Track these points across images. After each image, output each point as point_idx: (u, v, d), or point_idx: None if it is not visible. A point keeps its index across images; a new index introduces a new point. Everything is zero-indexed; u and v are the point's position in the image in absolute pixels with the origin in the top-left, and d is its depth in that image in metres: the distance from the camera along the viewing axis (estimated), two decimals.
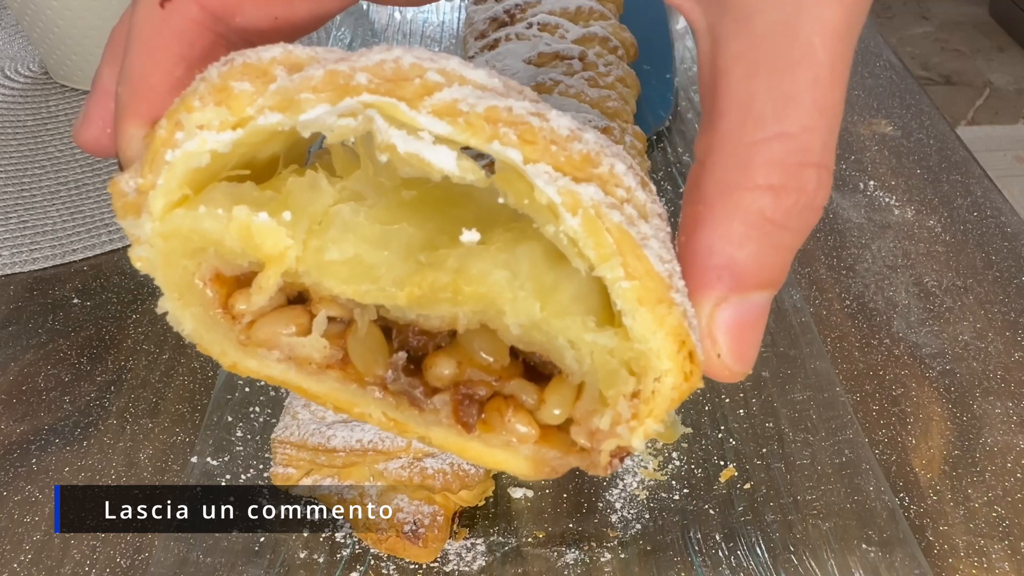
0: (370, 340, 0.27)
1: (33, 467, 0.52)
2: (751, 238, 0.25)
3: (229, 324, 0.28)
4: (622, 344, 0.24)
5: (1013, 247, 0.69)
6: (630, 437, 0.25)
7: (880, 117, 0.87)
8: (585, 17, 0.77)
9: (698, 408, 0.54)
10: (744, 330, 0.26)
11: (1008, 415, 0.55)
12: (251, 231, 0.25)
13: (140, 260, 0.26)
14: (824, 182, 0.25)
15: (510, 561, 0.46)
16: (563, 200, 0.23)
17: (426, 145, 0.23)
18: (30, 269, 0.67)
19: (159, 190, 0.25)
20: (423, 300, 0.25)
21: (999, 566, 0.47)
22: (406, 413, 0.28)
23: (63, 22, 0.83)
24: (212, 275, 0.27)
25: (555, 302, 0.25)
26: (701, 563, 0.45)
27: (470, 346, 0.27)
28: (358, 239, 0.26)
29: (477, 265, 0.25)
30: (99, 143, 0.30)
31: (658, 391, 0.25)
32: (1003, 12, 3.09)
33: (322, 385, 0.28)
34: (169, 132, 0.25)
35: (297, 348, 0.27)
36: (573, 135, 0.24)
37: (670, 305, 0.24)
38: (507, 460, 0.28)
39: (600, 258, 0.23)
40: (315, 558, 0.46)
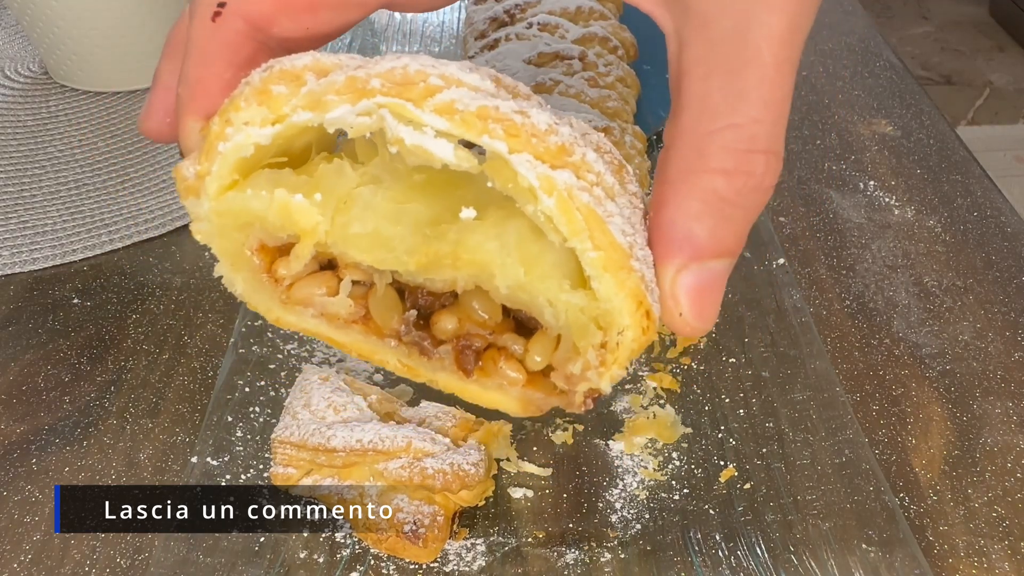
0: (387, 300, 0.33)
1: (33, 467, 0.52)
2: (707, 214, 0.29)
3: (272, 286, 0.33)
4: (591, 303, 0.29)
5: (1013, 247, 0.69)
6: (599, 381, 0.30)
7: (880, 117, 0.87)
8: (585, 17, 0.77)
9: (698, 408, 0.54)
10: (703, 292, 0.30)
11: (1008, 415, 0.55)
12: (289, 210, 0.30)
13: (200, 233, 0.32)
14: (771, 166, 0.29)
15: (510, 561, 0.46)
16: (540, 184, 0.28)
17: (428, 138, 0.28)
18: (30, 269, 0.67)
19: (214, 176, 0.30)
20: (429, 266, 0.30)
21: (999, 566, 0.47)
22: (416, 360, 0.33)
23: (63, 22, 0.83)
24: (258, 245, 0.33)
25: (537, 268, 0.29)
26: (701, 563, 0.45)
27: (469, 305, 0.32)
28: (376, 216, 0.31)
29: (473, 237, 0.30)
30: (160, 132, 0.35)
31: (621, 342, 0.30)
32: (1003, 12, 3.09)
33: (348, 336, 0.34)
34: (221, 128, 0.30)
35: (327, 306, 0.33)
36: (551, 129, 0.28)
37: (630, 271, 0.28)
38: (500, 400, 0.33)
39: (571, 232, 0.28)
40: (315, 558, 0.46)
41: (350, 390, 0.49)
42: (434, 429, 0.47)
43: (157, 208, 0.73)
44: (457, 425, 0.48)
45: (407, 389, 0.56)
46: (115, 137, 0.82)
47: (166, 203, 0.73)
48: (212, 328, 0.62)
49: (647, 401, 0.55)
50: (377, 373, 0.57)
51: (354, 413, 0.47)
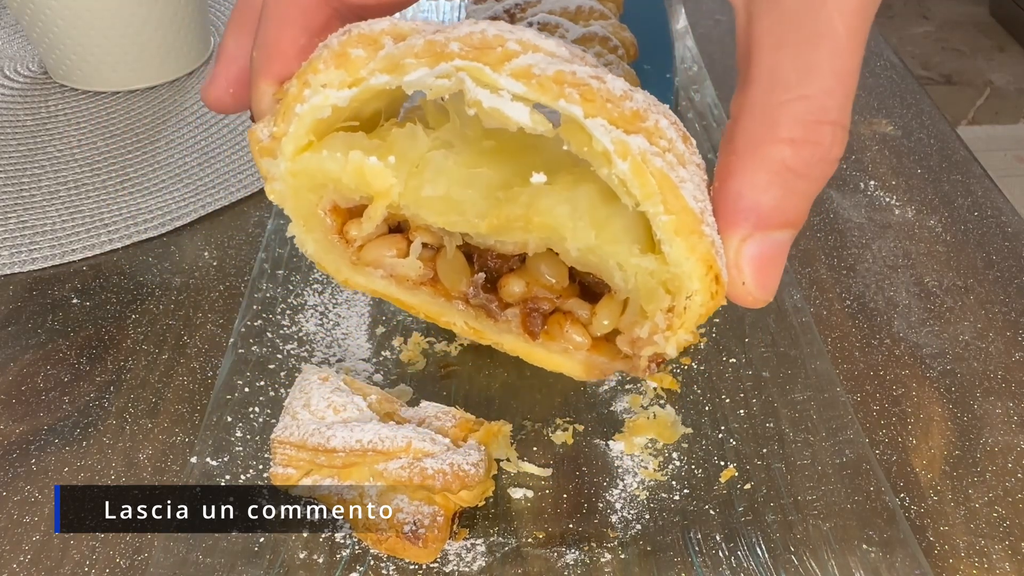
0: (456, 262, 0.34)
1: (32, 467, 0.52)
2: (774, 184, 0.29)
3: (343, 247, 0.34)
4: (661, 267, 0.30)
5: (1014, 247, 0.69)
6: (665, 344, 0.31)
7: (881, 117, 0.87)
8: (585, 17, 0.77)
9: (698, 408, 0.54)
10: (766, 262, 0.30)
11: (1009, 415, 0.55)
12: (363, 172, 0.31)
13: (274, 193, 0.33)
14: (839, 138, 0.29)
15: (510, 561, 0.46)
16: (615, 148, 0.28)
17: (505, 101, 0.28)
18: (29, 269, 0.67)
19: (290, 136, 0.31)
20: (500, 228, 0.31)
21: (1000, 566, 0.47)
22: (483, 323, 0.34)
23: (62, 22, 0.83)
24: (331, 206, 0.33)
25: (607, 232, 0.30)
26: (701, 563, 0.45)
27: (537, 270, 0.33)
28: (448, 180, 0.31)
29: (544, 201, 0.30)
30: (222, 101, 0.37)
31: (689, 307, 0.30)
32: (1003, 12, 3.09)
33: (416, 298, 0.34)
34: (299, 90, 0.30)
35: (397, 267, 0.34)
36: (625, 95, 0.28)
37: (701, 236, 0.29)
38: (564, 363, 0.34)
39: (644, 196, 0.28)
40: (315, 558, 0.46)
41: (350, 390, 0.49)
42: (434, 429, 0.47)
43: (157, 208, 0.73)
44: (457, 425, 0.48)
45: (407, 389, 0.56)
46: (115, 137, 0.82)
47: (166, 203, 0.73)
48: (212, 328, 0.62)
49: (647, 401, 0.55)
50: (377, 373, 0.57)
51: (354, 413, 0.47)
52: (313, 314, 0.61)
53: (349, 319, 0.61)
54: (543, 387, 0.56)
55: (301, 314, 0.61)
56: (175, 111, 0.86)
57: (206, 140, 0.81)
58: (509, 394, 0.56)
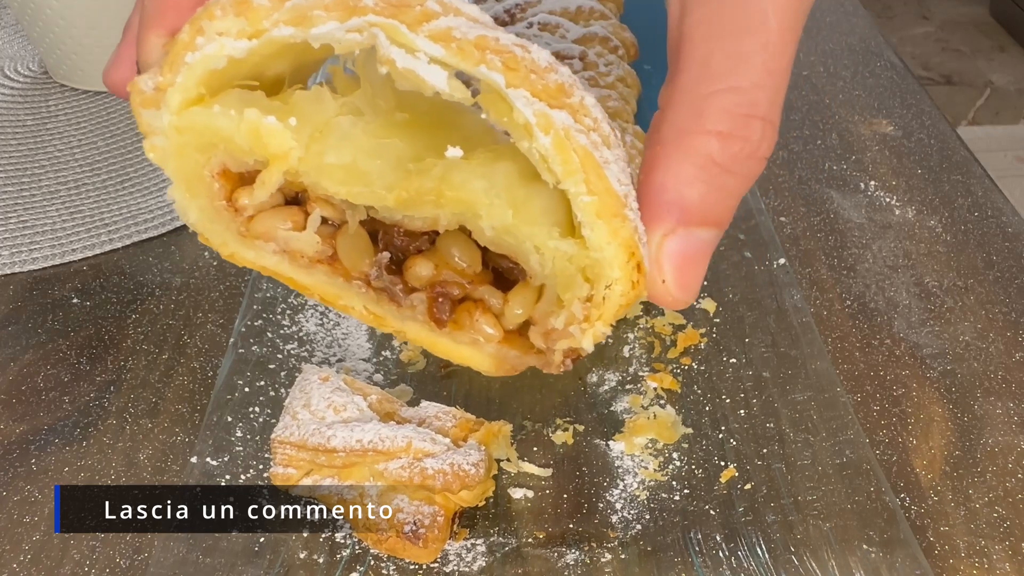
0: (358, 239, 0.31)
1: (33, 467, 0.52)
2: (699, 179, 0.28)
3: (231, 216, 0.31)
4: (580, 253, 0.28)
5: (1014, 247, 0.69)
6: (581, 337, 0.29)
7: (881, 117, 0.87)
8: (585, 17, 0.77)
9: (698, 408, 0.54)
10: (688, 261, 0.29)
11: (1009, 416, 0.55)
12: (259, 131, 0.28)
13: (154, 150, 0.29)
14: (768, 135, 0.28)
15: (510, 562, 0.46)
16: (537, 121, 0.26)
17: (422, 64, 0.26)
18: (29, 269, 0.67)
19: (178, 87, 0.28)
20: (409, 202, 0.28)
21: (1000, 567, 0.47)
22: (385, 308, 0.31)
23: (63, 21, 0.83)
24: (219, 170, 0.30)
25: (525, 212, 0.28)
26: (702, 564, 0.45)
27: (447, 252, 0.30)
28: (355, 148, 0.29)
29: (459, 175, 0.28)
30: (126, 84, 0.32)
31: (608, 297, 0.28)
32: (1003, 12, 3.09)
33: (311, 278, 0.31)
34: (191, 37, 0.27)
35: (292, 241, 0.31)
36: (550, 67, 0.27)
37: (624, 220, 0.27)
38: (472, 356, 0.31)
39: (566, 173, 0.27)
40: (315, 558, 0.46)
41: (350, 390, 0.49)
42: (434, 429, 0.47)
43: (157, 208, 0.73)
44: (457, 425, 0.48)
45: (407, 389, 0.56)
46: (115, 137, 0.82)
47: (166, 203, 0.73)
48: (212, 328, 0.62)
49: (647, 401, 0.55)
50: (377, 373, 0.57)
51: (354, 413, 0.47)
52: (313, 314, 0.61)
53: (349, 319, 0.61)
54: (543, 387, 0.56)
55: (301, 314, 0.61)
56: None
57: None
58: (509, 394, 0.56)
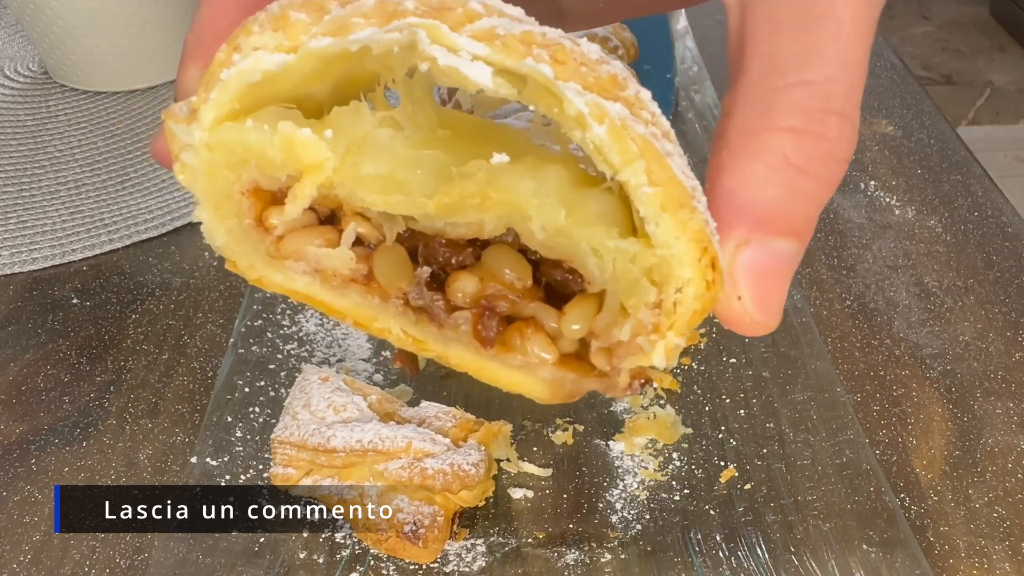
0: (395, 255, 0.28)
1: (33, 467, 0.52)
2: (772, 181, 0.25)
3: (260, 237, 0.29)
4: (644, 251, 0.25)
5: (1014, 247, 0.69)
6: (651, 350, 0.25)
7: (881, 117, 0.86)
8: None
9: (698, 408, 0.54)
10: (765, 276, 0.26)
11: (1009, 415, 0.55)
12: (293, 143, 0.26)
13: (184, 170, 0.27)
14: (846, 133, 0.25)
15: (510, 562, 0.46)
16: (591, 111, 0.24)
17: (464, 61, 0.24)
18: (29, 269, 0.67)
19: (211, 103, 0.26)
20: (452, 208, 0.26)
21: (1000, 567, 0.47)
22: (426, 329, 0.29)
23: (63, 22, 0.83)
24: (250, 187, 0.28)
25: (580, 213, 0.26)
26: (701, 564, 0.45)
27: (494, 265, 0.28)
28: (393, 159, 0.27)
29: (506, 178, 0.26)
30: None
31: (680, 301, 0.25)
32: (1004, 12, 3.09)
33: (345, 300, 0.29)
34: (227, 55, 0.26)
35: (324, 259, 0.29)
36: (602, 60, 0.25)
37: (692, 211, 0.24)
38: (524, 382, 0.28)
39: (624, 162, 0.24)
40: (315, 558, 0.46)
41: (350, 390, 0.49)
42: (434, 429, 0.47)
43: (157, 208, 0.73)
44: (457, 425, 0.48)
45: (407, 389, 0.56)
46: (115, 137, 0.82)
47: (166, 203, 0.73)
48: (212, 328, 0.62)
49: (647, 401, 0.55)
50: (377, 373, 0.57)
51: (354, 413, 0.47)
52: (313, 314, 0.61)
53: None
54: None
55: (301, 314, 0.61)
56: None
57: None
58: (509, 394, 0.56)
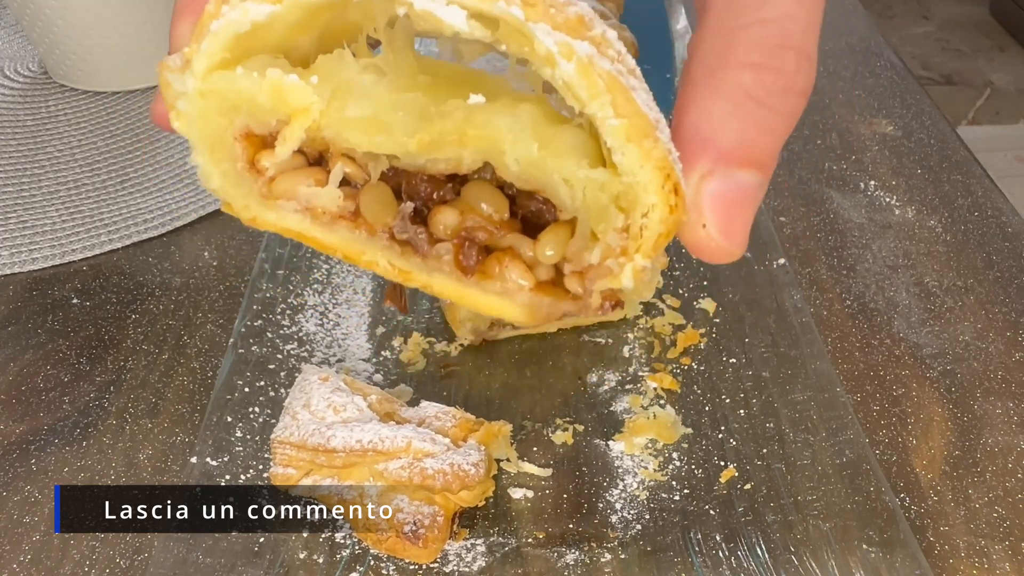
0: (380, 192, 0.31)
1: (33, 467, 0.52)
2: (734, 115, 0.27)
3: (253, 179, 0.31)
4: (612, 180, 0.27)
5: (1014, 247, 0.69)
6: (620, 272, 0.28)
7: (881, 117, 0.86)
8: None
9: (698, 408, 0.54)
10: (730, 205, 0.27)
11: (1009, 415, 0.55)
12: (281, 88, 0.29)
13: (179, 117, 0.30)
14: (804, 67, 0.27)
15: (510, 562, 0.46)
16: (559, 50, 0.26)
17: (439, 5, 0.26)
18: (29, 269, 0.67)
19: (202, 52, 0.29)
20: (432, 145, 0.29)
21: (1000, 567, 0.47)
22: (411, 260, 0.31)
23: (62, 22, 0.83)
24: (242, 133, 0.31)
25: (552, 146, 0.28)
26: (701, 564, 0.45)
27: (473, 199, 0.30)
28: (376, 102, 0.29)
29: (482, 115, 0.28)
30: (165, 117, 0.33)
31: (646, 225, 0.27)
32: (1004, 12, 3.09)
33: (334, 235, 0.32)
34: (216, 7, 0.28)
35: (313, 198, 0.31)
36: (569, 1, 0.27)
37: (655, 141, 0.26)
38: (503, 306, 0.31)
39: (591, 96, 0.26)
40: (315, 558, 0.46)
41: (350, 390, 0.49)
42: (434, 429, 0.47)
43: (157, 208, 0.73)
44: (457, 425, 0.48)
45: (407, 389, 0.56)
46: (114, 137, 0.82)
47: (166, 203, 0.73)
48: (212, 328, 0.62)
49: (647, 401, 0.55)
50: (377, 373, 0.57)
51: (354, 413, 0.47)
52: (313, 314, 0.61)
53: (349, 319, 0.61)
54: (543, 387, 0.56)
55: (301, 314, 0.61)
56: None
57: None
58: (509, 394, 0.56)
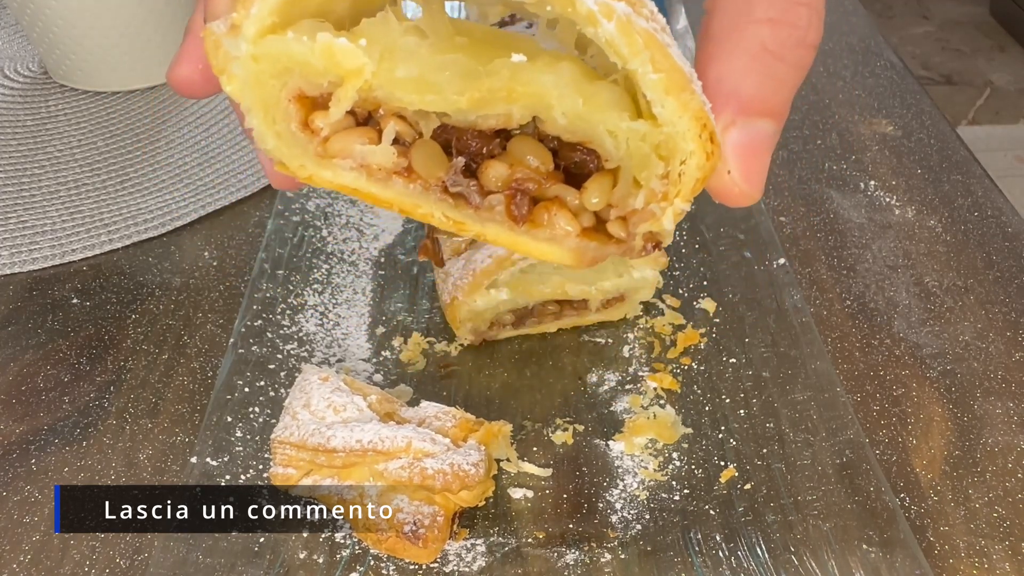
0: (431, 148, 0.32)
1: (33, 467, 0.52)
2: (753, 68, 0.29)
3: (308, 139, 0.32)
4: (653, 130, 0.29)
5: (1014, 247, 0.69)
6: (661, 215, 0.30)
7: (881, 117, 0.86)
8: None
9: (698, 408, 0.54)
10: (750, 152, 0.30)
11: (1009, 415, 0.55)
12: (333, 51, 0.30)
13: (232, 81, 0.31)
14: (814, 21, 0.30)
15: (510, 562, 0.46)
16: (600, 9, 0.28)
17: None
18: (29, 269, 0.67)
19: (252, 18, 0.30)
20: (482, 102, 0.30)
21: (1000, 567, 0.47)
22: (464, 212, 0.33)
23: (62, 22, 0.83)
24: (295, 95, 0.32)
25: (594, 101, 0.30)
26: (701, 564, 0.45)
27: (519, 153, 0.32)
28: (422, 63, 0.31)
29: (527, 73, 0.30)
30: (191, 81, 0.35)
31: (685, 172, 0.29)
32: (1004, 12, 3.09)
33: (389, 190, 0.33)
34: None
35: (368, 156, 0.32)
36: None
37: (692, 93, 0.28)
38: (552, 251, 0.32)
39: (632, 53, 0.28)
40: (315, 558, 0.46)
41: (350, 390, 0.49)
42: (434, 429, 0.47)
43: (157, 208, 0.73)
44: (457, 425, 0.48)
45: (407, 389, 0.56)
46: (114, 137, 0.82)
47: (166, 203, 0.73)
48: (212, 328, 0.62)
49: (647, 401, 0.55)
50: (377, 373, 0.57)
51: (354, 413, 0.47)
52: (313, 314, 0.61)
53: (349, 319, 0.61)
54: (543, 387, 0.56)
55: (301, 314, 0.61)
56: (175, 111, 0.86)
57: (206, 140, 0.81)
58: (509, 394, 0.56)
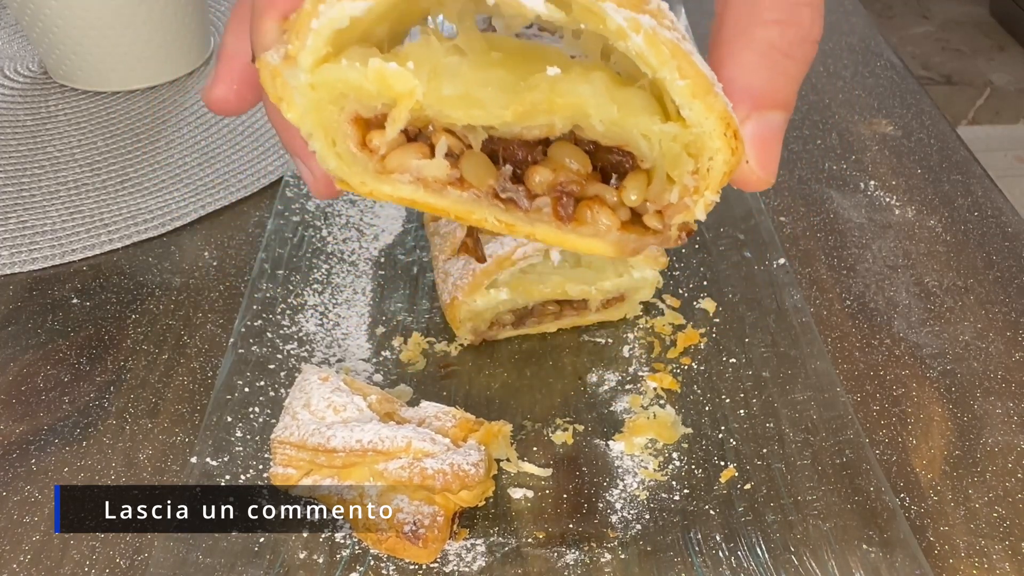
0: (479, 159, 0.35)
1: (32, 467, 0.52)
2: (763, 66, 0.32)
3: (367, 157, 0.35)
4: (683, 131, 0.32)
5: (1014, 247, 0.69)
6: (694, 207, 0.33)
7: (881, 117, 0.87)
8: None
9: (698, 408, 0.54)
10: (765, 142, 0.33)
11: (1009, 415, 0.55)
12: (385, 76, 0.32)
13: (293, 109, 0.33)
14: (816, 19, 0.32)
15: (510, 562, 0.46)
16: (628, 24, 0.30)
17: None
18: (29, 269, 0.67)
19: (308, 49, 0.32)
20: (525, 114, 0.33)
21: (1000, 566, 0.47)
22: (514, 215, 0.36)
23: (62, 22, 0.83)
24: (352, 118, 0.34)
25: (627, 107, 0.33)
26: (701, 564, 0.45)
27: (560, 158, 0.35)
28: (466, 81, 0.33)
29: (564, 85, 0.33)
30: (226, 102, 0.37)
31: (712, 167, 0.32)
32: (1004, 12, 3.09)
33: (444, 200, 0.36)
34: (313, 6, 0.32)
35: (423, 169, 0.35)
36: None
37: (716, 96, 0.31)
38: (597, 245, 0.36)
39: (660, 63, 0.31)
40: (315, 558, 0.46)
41: (350, 390, 0.49)
42: (434, 429, 0.47)
43: (157, 208, 0.73)
44: (457, 425, 0.48)
45: (407, 389, 0.56)
46: (115, 137, 0.82)
47: (166, 203, 0.73)
48: (211, 328, 0.62)
49: (647, 401, 0.55)
50: (377, 373, 0.57)
51: (354, 413, 0.47)
52: (313, 314, 0.61)
53: (349, 319, 0.61)
54: (543, 387, 0.56)
55: (301, 314, 0.61)
56: (175, 111, 0.86)
57: (206, 140, 0.81)
58: (509, 394, 0.56)
